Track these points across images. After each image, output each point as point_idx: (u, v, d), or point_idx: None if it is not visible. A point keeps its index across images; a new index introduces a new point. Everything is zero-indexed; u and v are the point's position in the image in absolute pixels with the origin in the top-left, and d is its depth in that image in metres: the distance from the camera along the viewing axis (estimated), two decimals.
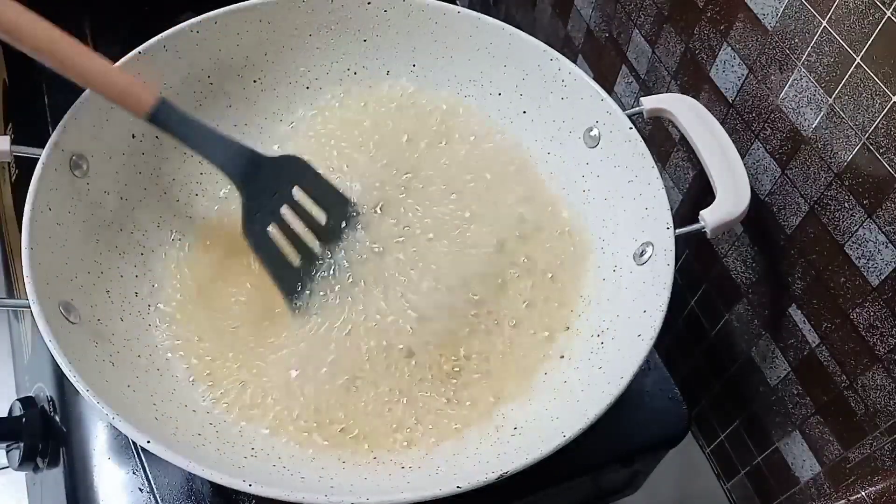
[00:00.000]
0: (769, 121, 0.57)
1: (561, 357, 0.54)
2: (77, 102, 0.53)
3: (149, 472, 0.53)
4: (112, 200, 0.56)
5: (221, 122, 0.62)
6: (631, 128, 0.55)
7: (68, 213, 0.53)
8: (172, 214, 0.59)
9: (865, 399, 0.55)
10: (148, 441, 0.42)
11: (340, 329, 0.54)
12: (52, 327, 0.45)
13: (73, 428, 0.55)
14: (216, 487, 0.52)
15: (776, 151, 0.57)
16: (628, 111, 0.56)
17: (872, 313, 0.52)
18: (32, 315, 0.46)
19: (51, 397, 0.57)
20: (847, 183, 0.51)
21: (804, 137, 0.54)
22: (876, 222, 0.50)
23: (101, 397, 0.44)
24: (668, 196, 0.55)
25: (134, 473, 0.53)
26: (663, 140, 0.70)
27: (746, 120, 0.59)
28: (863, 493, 0.51)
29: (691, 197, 0.69)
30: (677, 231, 0.52)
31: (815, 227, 0.55)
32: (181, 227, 0.58)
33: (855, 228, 0.51)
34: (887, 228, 0.49)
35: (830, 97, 0.50)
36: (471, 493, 0.43)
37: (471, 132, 0.64)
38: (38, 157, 0.51)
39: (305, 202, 0.56)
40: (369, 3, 0.62)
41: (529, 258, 0.58)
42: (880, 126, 0.48)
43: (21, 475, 0.67)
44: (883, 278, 0.50)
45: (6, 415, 0.58)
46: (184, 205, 0.59)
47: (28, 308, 0.46)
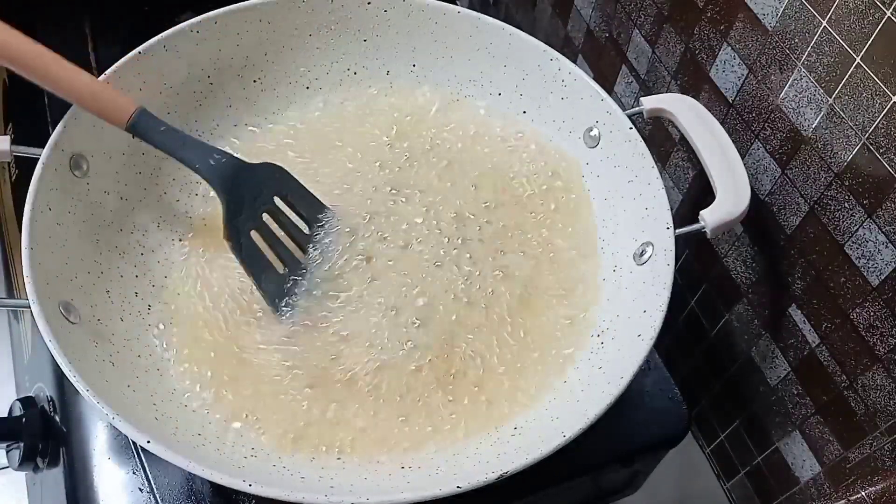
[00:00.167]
0: (769, 121, 0.57)
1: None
2: None
3: (149, 472, 0.53)
4: (112, 200, 0.56)
5: (221, 122, 0.62)
6: (631, 128, 0.55)
7: (68, 213, 0.53)
8: (172, 214, 0.59)
9: (865, 399, 0.55)
10: (148, 441, 0.42)
11: (336, 330, 0.54)
12: (52, 327, 0.45)
13: (73, 428, 0.55)
14: (216, 487, 0.52)
15: (776, 151, 0.57)
16: (628, 111, 0.56)
17: (872, 313, 0.52)
18: (32, 315, 0.46)
19: (51, 397, 0.57)
20: (847, 183, 0.51)
21: (804, 137, 0.54)
22: (876, 222, 0.50)
23: (101, 397, 0.44)
24: (668, 196, 0.55)
25: (134, 473, 0.53)
26: (663, 140, 0.70)
27: (746, 120, 0.59)
28: (863, 493, 0.51)
29: (691, 197, 0.69)
30: (677, 231, 0.52)
31: (815, 227, 0.55)
32: (181, 227, 0.58)
33: (855, 228, 0.51)
34: (887, 228, 0.49)
35: (830, 97, 0.50)
36: (471, 493, 0.43)
37: (470, 132, 0.64)
38: (38, 157, 0.51)
39: (286, 209, 0.57)
40: (369, 3, 0.62)
41: (527, 258, 0.58)
42: (880, 126, 0.47)
43: (21, 475, 0.67)
44: (883, 278, 0.50)
45: (6, 415, 0.58)
46: (184, 205, 0.59)
47: (28, 308, 0.46)
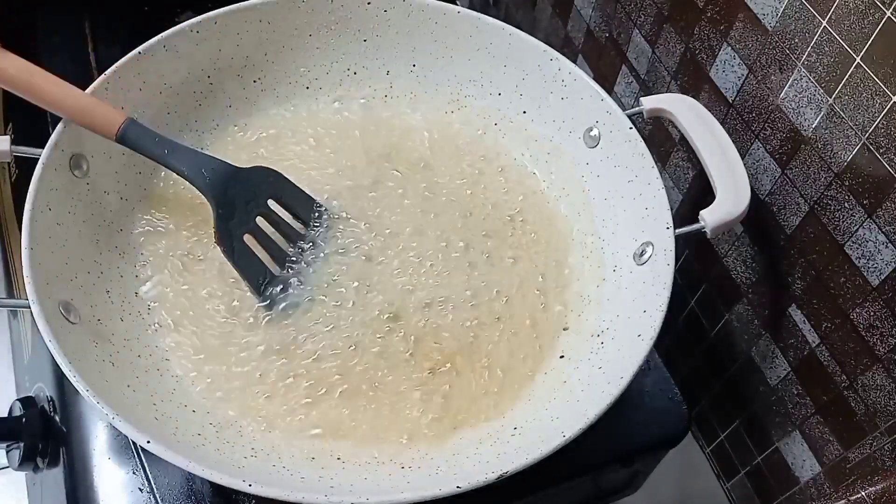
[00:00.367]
0: (769, 121, 0.57)
1: (561, 357, 0.54)
2: None
3: (149, 472, 0.53)
4: (112, 200, 0.56)
5: (221, 122, 0.62)
6: (631, 128, 0.55)
7: (68, 213, 0.53)
8: (173, 214, 0.59)
9: (865, 399, 0.55)
10: (148, 441, 0.42)
11: (335, 330, 0.54)
12: (52, 327, 0.45)
13: (73, 428, 0.55)
14: (216, 487, 0.52)
15: (776, 151, 0.57)
16: (628, 111, 0.56)
17: (872, 313, 0.52)
18: (32, 315, 0.46)
19: (51, 397, 0.57)
20: (847, 183, 0.51)
21: (804, 137, 0.54)
22: (876, 222, 0.50)
23: (101, 397, 0.44)
24: (668, 196, 0.55)
25: (134, 473, 0.53)
26: (663, 140, 0.70)
27: (746, 120, 0.59)
28: (863, 493, 0.51)
29: (691, 197, 0.69)
30: (677, 231, 0.52)
31: (815, 227, 0.55)
32: (181, 227, 0.58)
33: (855, 228, 0.51)
34: (887, 228, 0.49)
35: (830, 97, 0.50)
36: (471, 493, 0.43)
37: (468, 133, 0.64)
38: (38, 157, 0.51)
39: (280, 212, 0.57)
40: (369, 3, 0.62)
41: (528, 258, 0.58)
42: (880, 126, 0.47)
43: (21, 475, 0.67)
44: (883, 278, 0.50)
45: (6, 415, 0.58)
46: (184, 205, 0.59)
47: (28, 308, 0.46)
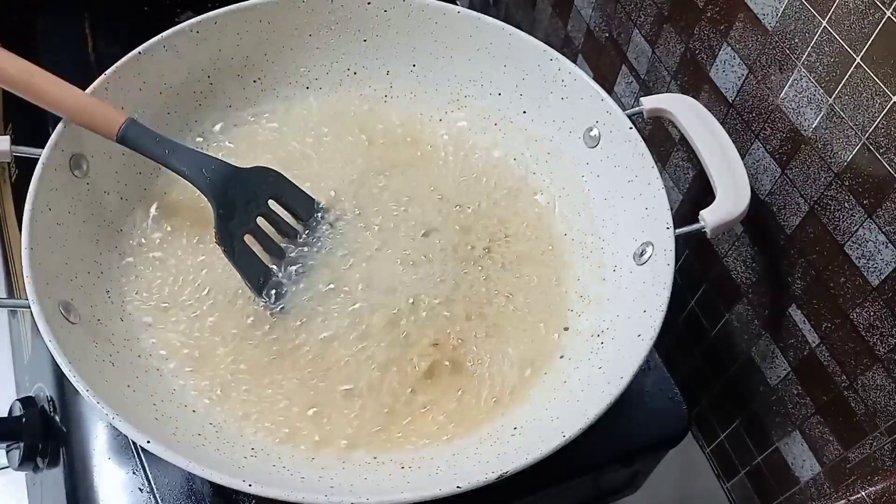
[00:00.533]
0: (769, 121, 0.57)
1: (561, 357, 0.54)
2: None
3: (149, 472, 0.53)
4: (112, 200, 0.56)
5: (221, 122, 0.62)
6: (631, 128, 0.55)
7: (68, 213, 0.53)
8: (173, 214, 0.59)
9: (865, 399, 0.55)
10: (148, 441, 0.42)
11: (335, 329, 0.54)
12: (52, 327, 0.45)
13: (73, 428, 0.55)
14: (216, 487, 0.52)
15: (776, 151, 0.57)
16: (628, 111, 0.56)
17: (872, 313, 0.52)
18: (32, 315, 0.46)
19: (51, 397, 0.57)
20: (847, 183, 0.51)
21: (804, 137, 0.54)
22: (876, 222, 0.50)
23: (101, 397, 0.44)
24: (668, 196, 0.55)
25: (134, 473, 0.53)
26: (663, 140, 0.70)
27: (746, 120, 0.59)
28: (863, 493, 0.51)
29: (691, 197, 0.69)
30: (677, 231, 0.52)
31: (815, 227, 0.55)
32: (181, 228, 0.58)
33: (855, 228, 0.51)
34: (887, 228, 0.49)
35: (830, 97, 0.50)
36: (471, 493, 0.43)
37: (468, 133, 0.64)
38: (38, 157, 0.51)
39: (280, 212, 0.57)
40: (369, 3, 0.62)
41: (528, 258, 0.58)
42: (880, 126, 0.47)
43: (21, 475, 0.67)
44: (883, 278, 0.50)
45: (6, 415, 0.58)
46: (184, 205, 0.59)
47: (28, 308, 0.46)
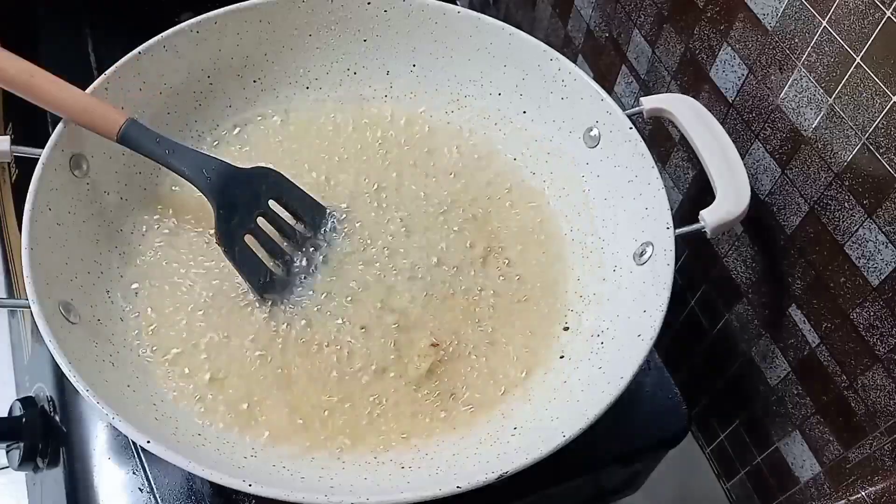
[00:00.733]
0: (769, 121, 0.57)
1: (561, 357, 0.54)
2: None
3: (149, 472, 0.53)
4: (112, 200, 0.56)
5: (221, 122, 0.62)
6: (631, 128, 0.55)
7: (68, 213, 0.53)
8: (173, 214, 0.59)
9: (865, 399, 0.55)
10: (148, 441, 0.42)
11: (334, 329, 0.54)
12: (52, 327, 0.45)
13: (73, 428, 0.55)
14: (216, 487, 0.52)
15: (776, 151, 0.57)
16: (628, 111, 0.56)
17: (872, 313, 0.52)
18: (32, 315, 0.46)
19: (51, 397, 0.57)
20: (847, 183, 0.51)
21: (804, 137, 0.54)
22: (876, 222, 0.50)
23: (101, 397, 0.44)
24: (668, 196, 0.55)
25: (134, 473, 0.53)
26: (663, 140, 0.70)
27: (746, 120, 0.59)
28: (863, 493, 0.51)
29: (691, 197, 0.69)
30: (677, 231, 0.52)
31: (815, 227, 0.55)
32: (181, 227, 0.58)
33: (855, 228, 0.51)
34: (887, 228, 0.49)
35: (830, 97, 0.50)
36: (471, 493, 0.43)
37: (468, 133, 0.64)
38: (38, 157, 0.51)
39: (281, 212, 0.57)
40: (369, 3, 0.62)
41: (528, 258, 0.58)
42: (880, 126, 0.47)
43: (21, 475, 0.67)
44: (883, 278, 0.50)
45: (6, 415, 0.58)
46: (184, 205, 0.59)
47: (28, 308, 0.46)
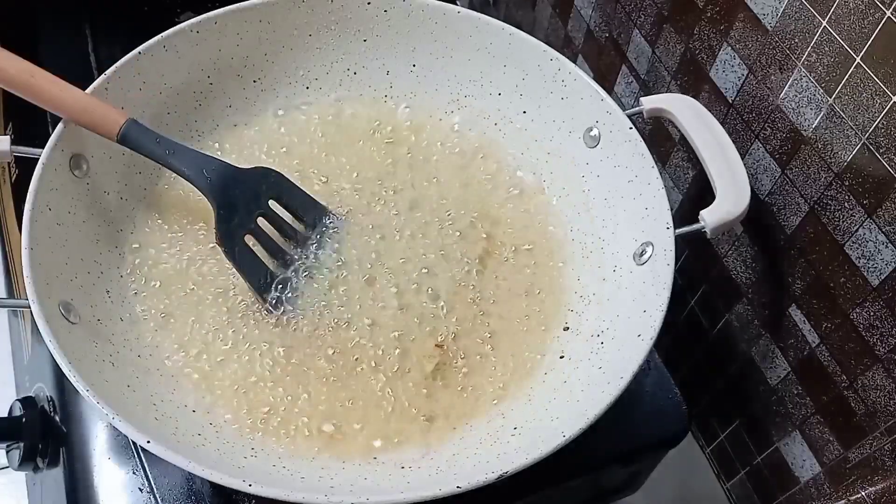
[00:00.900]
0: (769, 121, 0.57)
1: (561, 357, 0.54)
2: None
3: (149, 472, 0.53)
4: (112, 200, 0.56)
5: (221, 123, 0.62)
6: (631, 128, 0.55)
7: (68, 213, 0.53)
8: (173, 214, 0.59)
9: (865, 399, 0.55)
10: (148, 441, 0.42)
11: (334, 329, 0.54)
12: (52, 327, 0.45)
13: (73, 428, 0.55)
14: (216, 487, 0.52)
15: (776, 151, 0.57)
16: (628, 111, 0.56)
17: (872, 313, 0.52)
18: (32, 315, 0.46)
19: (51, 397, 0.57)
20: (847, 183, 0.51)
21: (804, 137, 0.54)
22: (876, 222, 0.50)
23: (101, 397, 0.44)
24: (668, 196, 0.55)
25: (134, 473, 0.53)
26: (663, 140, 0.70)
27: (746, 120, 0.59)
28: (863, 493, 0.51)
29: (691, 197, 0.69)
30: (677, 231, 0.52)
31: (815, 227, 0.55)
32: (181, 227, 0.58)
33: (855, 228, 0.51)
34: (887, 228, 0.49)
35: (830, 97, 0.50)
36: (471, 493, 0.43)
37: (468, 133, 0.64)
38: (38, 157, 0.51)
39: (282, 212, 0.57)
40: (369, 3, 0.62)
41: (528, 258, 0.58)
42: (880, 126, 0.47)
43: (21, 475, 0.67)
44: (883, 278, 0.50)
45: (6, 415, 0.58)
46: (184, 204, 0.59)
47: (28, 308, 0.46)
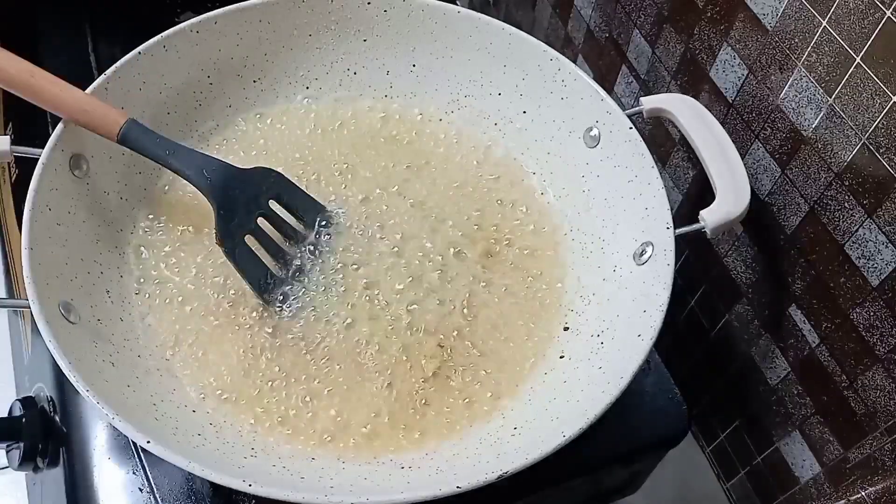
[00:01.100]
0: (769, 121, 0.57)
1: (561, 357, 0.54)
2: None
3: (149, 472, 0.53)
4: (112, 200, 0.56)
5: (221, 123, 0.62)
6: (631, 128, 0.55)
7: (68, 213, 0.53)
8: (173, 214, 0.59)
9: (865, 399, 0.55)
10: (148, 441, 0.42)
11: (334, 329, 0.54)
12: (52, 327, 0.45)
13: (73, 428, 0.55)
14: (216, 487, 0.52)
15: (776, 151, 0.57)
16: (628, 111, 0.56)
17: (872, 313, 0.52)
18: (32, 315, 0.46)
19: (51, 397, 0.57)
20: (847, 183, 0.51)
21: (804, 137, 0.54)
22: (876, 222, 0.50)
23: (101, 397, 0.44)
24: (668, 196, 0.55)
25: (134, 473, 0.53)
26: (663, 140, 0.70)
27: (746, 120, 0.59)
28: (863, 493, 0.51)
29: (691, 197, 0.69)
30: (677, 231, 0.52)
31: (815, 227, 0.55)
32: (182, 227, 0.58)
33: (855, 228, 0.51)
34: (887, 228, 0.49)
35: (830, 97, 0.50)
36: (471, 493, 0.43)
37: (468, 133, 0.64)
38: (38, 157, 0.51)
39: (282, 212, 0.57)
40: (369, 3, 0.62)
41: (528, 258, 0.58)
42: (880, 126, 0.47)
43: (21, 475, 0.67)
44: (883, 278, 0.50)
45: (6, 415, 0.58)
46: (184, 204, 0.59)
47: (28, 308, 0.46)
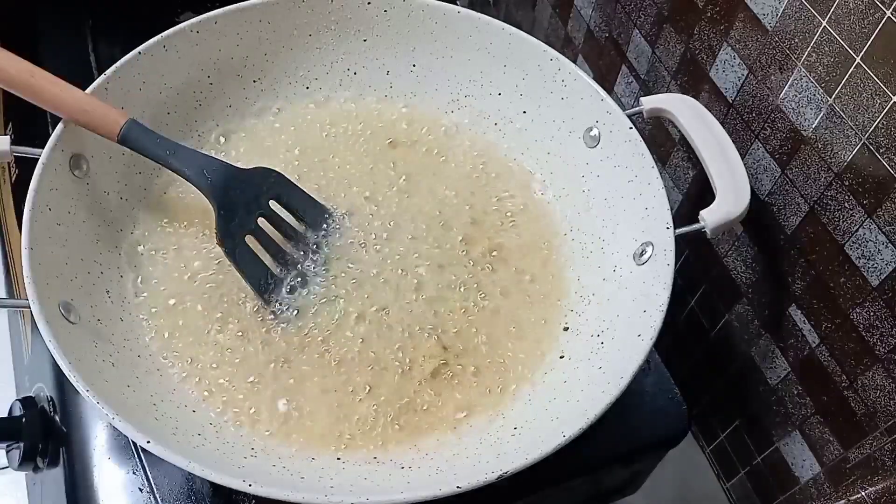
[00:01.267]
0: (769, 121, 0.57)
1: (561, 357, 0.54)
2: None
3: (149, 472, 0.53)
4: (112, 200, 0.56)
5: (221, 122, 0.62)
6: (631, 128, 0.55)
7: (68, 213, 0.53)
8: (173, 214, 0.59)
9: (865, 399, 0.55)
10: (148, 441, 0.42)
11: (335, 330, 0.54)
12: (52, 327, 0.45)
13: (73, 428, 0.55)
14: (216, 487, 0.52)
15: (776, 151, 0.57)
16: (628, 111, 0.56)
17: (872, 313, 0.52)
18: (32, 315, 0.46)
19: (51, 397, 0.57)
20: (847, 183, 0.51)
21: (804, 137, 0.54)
22: (876, 222, 0.50)
23: (101, 397, 0.44)
24: (668, 196, 0.55)
25: (134, 473, 0.53)
26: (663, 140, 0.70)
27: (746, 120, 0.59)
28: (863, 493, 0.51)
29: (691, 197, 0.69)
30: (677, 231, 0.52)
31: (815, 227, 0.55)
32: (182, 228, 0.58)
33: (855, 228, 0.51)
34: (887, 228, 0.49)
35: (830, 97, 0.50)
36: (471, 493, 0.43)
37: (469, 133, 0.64)
38: (38, 157, 0.51)
39: (282, 213, 0.57)
40: (369, 3, 0.62)
41: (528, 259, 0.58)
42: (880, 126, 0.47)
43: (21, 475, 0.67)
44: (883, 278, 0.50)
45: (6, 415, 0.58)
46: (184, 204, 0.59)
47: (28, 308, 0.46)
